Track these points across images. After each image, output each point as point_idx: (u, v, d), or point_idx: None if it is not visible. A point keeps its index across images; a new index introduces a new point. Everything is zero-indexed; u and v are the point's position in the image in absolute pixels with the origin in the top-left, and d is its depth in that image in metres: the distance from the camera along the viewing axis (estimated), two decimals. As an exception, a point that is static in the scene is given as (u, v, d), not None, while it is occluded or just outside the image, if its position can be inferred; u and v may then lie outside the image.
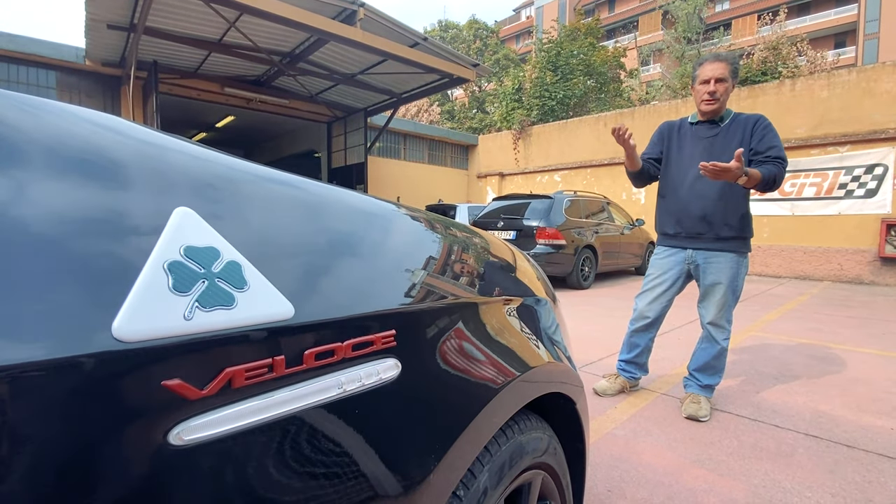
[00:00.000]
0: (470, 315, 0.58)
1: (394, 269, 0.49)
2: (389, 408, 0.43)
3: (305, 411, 0.36)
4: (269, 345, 0.34)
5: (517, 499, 0.68)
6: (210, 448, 0.30)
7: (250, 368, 0.32)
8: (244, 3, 5.14)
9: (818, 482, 1.64)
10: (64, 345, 0.24)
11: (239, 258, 0.35)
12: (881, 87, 7.51)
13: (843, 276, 7.78)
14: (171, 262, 0.30)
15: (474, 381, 0.55)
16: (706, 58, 2.14)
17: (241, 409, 0.32)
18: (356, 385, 0.39)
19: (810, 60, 13.95)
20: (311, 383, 0.37)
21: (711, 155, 2.14)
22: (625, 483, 1.63)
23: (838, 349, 3.44)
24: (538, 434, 0.71)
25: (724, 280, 2.12)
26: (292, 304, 0.36)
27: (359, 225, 0.50)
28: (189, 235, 0.32)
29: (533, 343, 0.74)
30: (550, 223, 6.41)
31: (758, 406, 2.32)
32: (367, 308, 0.43)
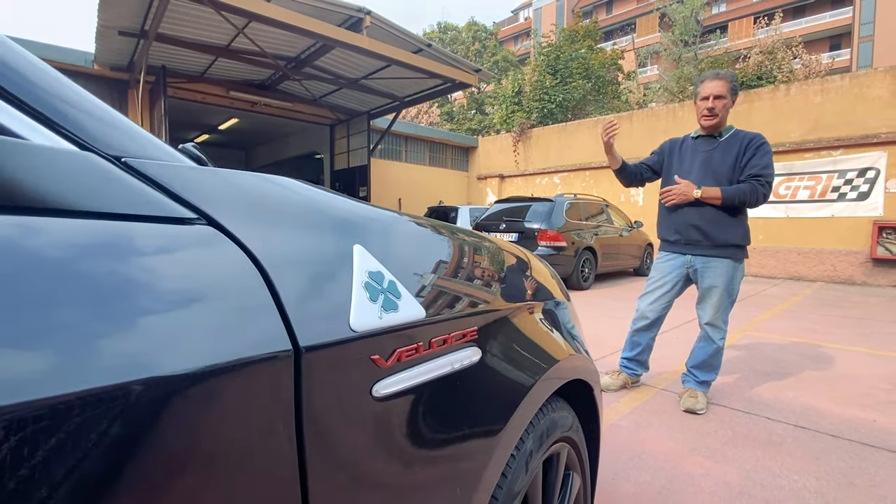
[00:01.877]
0: (517, 317, 0.73)
1: (472, 282, 0.65)
2: (476, 382, 0.58)
3: (435, 379, 0.51)
4: (414, 335, 0.49)
5: (549, 466, 0.83)
6: (390, 399, 0.45)
7: (406, 350, 0.47)
8: (255, 12, 5.28)
9: (805, 468, 1.80)
10: (335, 331, 0.40)
11: (392, 278, 0.49)
12: (873, 93, 7.70)
13: (836, 277, 7.97)
14: (364, 282, 0.45)
15: (524, 368, 0.70)
16: (707, 75, 2.30)
17: (405, 375, 0.47)
18: (458, 364, 0.54)
19: (805, 64, 14.16)
20: (436, 361, 0.51)
21: (709, 167, 2.30)
22: (629, 469, 1.78)
23: (829, 348, 3.60)
24: (565, 413, 0.86)
25: (720, 284, 2.28)
26: (423, 308, 0.51)
27: (453, 250, 0.67)
28: (366, 264, 0.47)
29: (559, 339, 0.89)
30: (551, 225, 6.57)
31: (751, 400, 2.48)
32: (462, 311, 0.58)
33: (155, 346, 0.29)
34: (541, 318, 0.86)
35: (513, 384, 0.65)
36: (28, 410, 0.23)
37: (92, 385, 0.25)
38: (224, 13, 5.60)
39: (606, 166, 10.96)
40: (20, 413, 0.23)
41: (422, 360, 0.49)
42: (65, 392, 0.25)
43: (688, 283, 2.48)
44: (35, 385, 0.24)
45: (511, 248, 0.90)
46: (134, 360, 0.28)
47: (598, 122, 11.48)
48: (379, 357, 0.44)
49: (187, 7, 5.73)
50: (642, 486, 1.67)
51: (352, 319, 0.43)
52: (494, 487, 0.59)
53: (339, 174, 11.50)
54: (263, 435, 0.35)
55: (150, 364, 0.28)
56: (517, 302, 0.75)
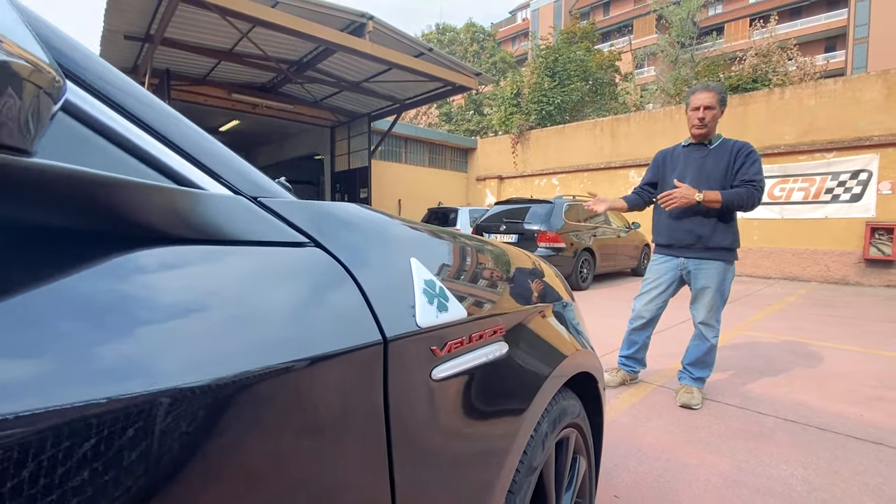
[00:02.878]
0: (534, 317, 0.84)
1: (498, 287, 0.77)
2: (504, 371, 0.69)
3: (475, 367, 0.62)
4: (459, 330, 0.60)
5: (560, 449, 0.94)
6: (444, 381, 0.57)
7: (455, 343, 0.58)
8: (261, 18, 5.38)
9: (793, 458, 1.92)
10: (408, 326, 0.51)
11: (441, 285, 0.60)
12: (865, 96, 7.85)
13: (829, 277, 8.11)
14: (422, 289, 0.56)
15: (541, 360, 0.81)
16: (697, 87, 2.42)
17: (454, 363, 0.58)
18: (491, 355, 0.65)
19: (800, 67, 14.34)
20: (476, 352, 0.62)
21: (701, 173, 2.41)
22: (628, 459, 1.90)
23: (820, 346, 3.73)
24: (573, 402, 0.97)
25: (712, 285, 2.40)
26: (465, 309, 0.62)
27: (483, 261, 0.80)
28: (421, 273, 0.57)
29: (567, 336, 1.00)
30: (551, 227, 6.69)
31: (744, 396, 2.60)
32: (492, 312, 0.69)
33: (290, 336, 0.40)
34: (552, 317, 0.97)
35: (532, 374, 0.76)
36: (201, 385, 0.33)
37: (264, 364, 0.37)
38: (229, 18, 5.69)
39: (604, 168, 11.13)
40: (199, 385, 0.32)
41: (466, 351, 0.60)
42: (247, 370, 0.35)
43: (681, 285, 2.59)
44: (215, 365, 0.34)
45: (527, 257, 1.02)
46: (281, 345, 0.39)
47: (595, 124, 11.61)
48: (436, 348, 0.56)
49: (193, 12, 5.82)
50: (641, 474, 1.79)
51: (417, 318, 0.54)
52: (518, 462, 0.70)
53: (339, 175, 11.59)
54: (363, 404, 0.46)
55: (291, 349, 0.40)
56: (533, 304, 0.86)
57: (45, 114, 0.28)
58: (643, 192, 2.68)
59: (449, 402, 0.57)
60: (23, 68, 0.25)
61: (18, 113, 0.25)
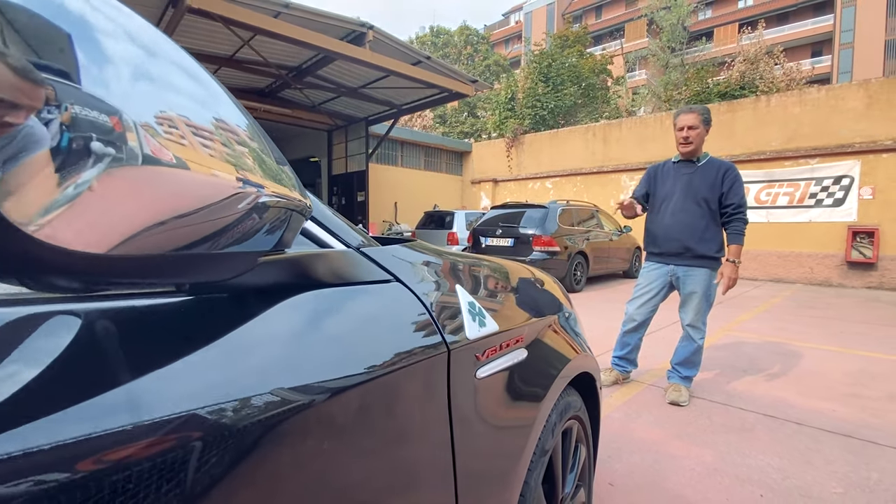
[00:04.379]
0: (544, 326, 1.02)
1: (518, 304, 0.94)
2: (525, 372, 0.85)
3: (504, 368, 0.79)
4: (493, 340, 0.77)
5: (565, 437, 1.12)
6: (483, 379, 0.73)
7: (491, 350, 0.75)
8: (264, 28, 5.51)
9: (770, 449, 2.11)
10: (462, 338, 0.68)
11: (480, 305, 0.77)
12: (848, 105, 8.14)
13: (813, 278, 8.40)
14: (467, 310, 0.72)
15: (551, 363, 0.98)
16: (682, 109, 2.62)
17: (491, 365, 0.74)
18: (515, 360, 0.82)
19: (786, 73, 14.71)
20: (505, 357, 0.79)
21: (689, 188, 2.61)
22: (622, 451, 2.08)
23: (801, 346, 3.95)
24: (575, 398, 1.15)
25: (699, 290, 2.59)
26: (496, 323, 0.79)
27: (506, 283, 0.97)
28: (465, 297, 0.74)
29: (571, 341, 1.17)
30: (545, 231, 6.88)
31: (728, 393, 2.80)
32: (514, 325, 0.86)
33: (393, 346, 0.57)
34: (558, 325, 1.14)
35: (545, 374, 0.93)
36: (334, 386, 0.49)
37: (379, 364, 0.54)
38: (233, 28, 5.82)
39: (596, 172, 11.35)
40: (337, 384, 0.49)
41: (498, 357, 0.77)
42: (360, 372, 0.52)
43: (671, 290, 2.78)
44: (337, 368, 0.51)
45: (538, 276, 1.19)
46: (388, 352, 0.56)
47: (588, 129, 11.84)
48: (479, 354, 0.72)
49: (197, 21, 5.94)
50: (634, 464, 1.97)
51: (466, 332, 0.70)
52: (535, 444, 0.87)
53: (336, 179, 11.71)
54: (437, 394, 0.63)
55: (395, 356, 0.56)
56: (544, 316, 1.04)
57: (298, 225, 0.46)
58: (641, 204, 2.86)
59: (487, 395, 0.74)
60: (296, 205, 0.42)
61: (285, 228, 0.43)
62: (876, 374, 3.19)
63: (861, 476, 1.89)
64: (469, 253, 0.99)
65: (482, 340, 0.73)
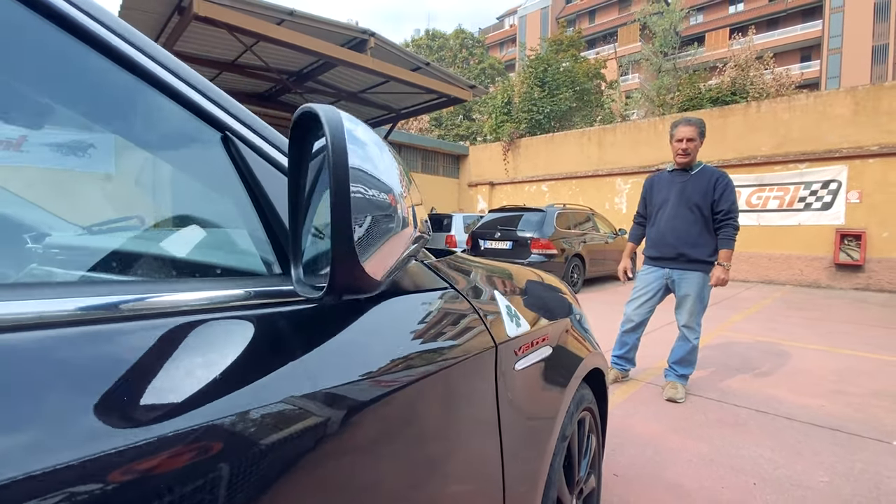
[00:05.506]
0: (562, 326, 1.14)
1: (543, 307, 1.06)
2: (551, 365, 0.98)
3: (536, 362, 0.91)
4: (526, 338, 0.89)
5: (579, 426, 1.24)
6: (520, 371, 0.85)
7: (525, 346, 0.87)
8: (270, 36, 5.61)
9: (762, 442, 2.25)
10: (505, 336, 0.80)
11: (515, 309, 0.89)
12: (835, 111, 8.38)
13: (803, 280, 8.61)
14: (505, 312, 0.84)
15: (571, 359, 1.10)
16: (680, 121, 2.75)
17: (525, 359, 0.86)
18: (543, 354, 0.94)
19: (776, 78, 15.00)
20: (535, 353, 0.91)
21: (683, 195, 2.74)
22: (623, 445, 2.21)
23: (791, 346, 4.11)
24: (588, 391, 1.27)
25: (693, 292, 2.73)
26: (528, 323, 0.91)
27: (534, 289, 1.09)
28: (503, 301, 0.86)
29: (584, 340, 1.30)
30: (543, 234, 7.02)
31: (722, 391, 2.94)
32: (541, 325, 0.98)
33: (456, 343, 0.69)
34: (572, 326, 1.27)
35: (566, 368, 1.06)
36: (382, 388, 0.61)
37: (449, 358, 0.65)
38: (236, 34, 5.91)
39: (591, 175, 11.52)
40: (395, 382, 0.61)
41: (530, 352, 0.89)
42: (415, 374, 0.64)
43: (667, 292, 2.92)
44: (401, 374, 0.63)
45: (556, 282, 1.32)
46: (455, 348, 0.68)
47: (584, 133, 12.03)
48: (516, 350, 0.84)
49: (201, 28, 6.02)
50: (635, 457, 2.10)
51: (507, 331, 0.82)
52: (559, 430, 0.99)
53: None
54: (487, 383, 0.75)
55: (459, 350, 0.68)
56: (562, 317, 1.16)
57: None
58: (641, 221, 3.04)
59: (524, 385, 0.86)
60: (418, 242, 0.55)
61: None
62: (862, 372, 3.35)
63: (846, 466, 2.03)
64: (493, 260, 1.11)
65: (518, 338, 0.85)
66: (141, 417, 0.34)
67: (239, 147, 0.49)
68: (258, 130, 0.52)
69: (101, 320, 0.36)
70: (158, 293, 0.41)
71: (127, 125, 0.49)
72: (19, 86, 0.47)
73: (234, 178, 0.49)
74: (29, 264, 0.46)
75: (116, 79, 0.44)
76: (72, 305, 0.35)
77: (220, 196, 0.53)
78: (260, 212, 0.50)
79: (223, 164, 0.49)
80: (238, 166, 0.49)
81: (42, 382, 0.31)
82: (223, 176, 0.50)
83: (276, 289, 0.48)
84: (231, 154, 0.49)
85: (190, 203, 0.56)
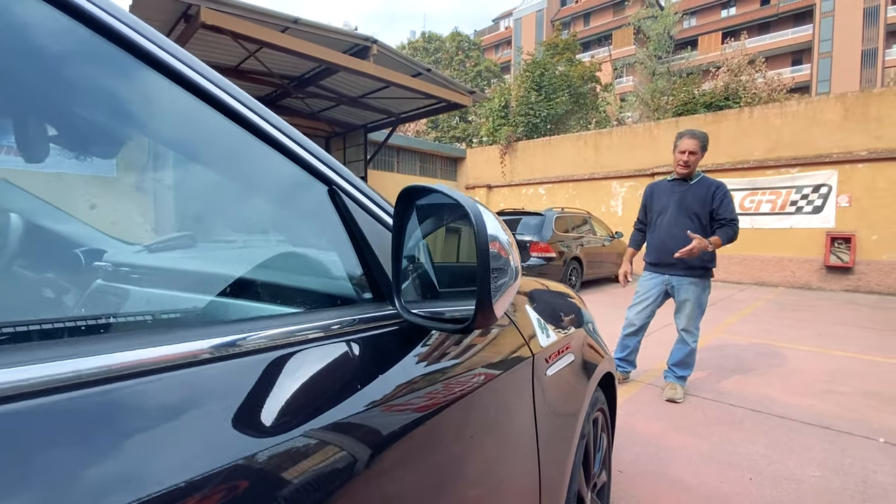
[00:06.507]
0: (581, 335, 1.26)
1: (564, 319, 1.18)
2: (574, 371, 1.09)
3: (562, 368, 1.02)
4: (553, 347, 1.00)
5: (594, 425, 1.36)
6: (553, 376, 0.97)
7: (553, 355, 0.98)
8: (274, 43, 5.70)
9: (757, 440, 2.38)
10: (538, 347, 0.92)
11: (544, 322, 1.00)
12: (825, 117, 8.58)
13: (795, 282, 8.81)
14: (536, 326, 0.96)
15: (589, 364, 1.22)
16: (685, 133, 2.86)
17: (554, 366, 0.98)
18: (567, 361, 1.05)
19: (767, 83, 15.26)
20: (561, 360, 1.02)
21: (682, 204, 2.86)
22: (627, 443, 2.33)
23: (783, 347, 4.26)
24: (600, 393, 1.39)
25: (692, 298, 2.86)
26: (555, 336, 1.03)
27: (557, 303, 1.20)
28: (534, 316, 0.98)
29: (599, 346, 1.42)
30: (542, 238, 7.15)
31: (719, 391, 3.07)
32: (564, 335, 1.10)
33: (502, 356, 0.80)
34: (588, 334, 1.39)
35: (586, 372, 1.18)
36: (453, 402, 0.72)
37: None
38: (241, 41, 6.00)
39: (588, 178, 11.68)
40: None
41: (557, 360, 1.00)
42: None
43: (667, 297, 3.05)
44: None
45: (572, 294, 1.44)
46: (517, 361, 0.80)
47: (580, 137, 12.19)
48: (546, 358, 0.96)
49: (206, 35, 6.10)
50: (638, 454, 2.22)
51: (540, 342, 0.94)
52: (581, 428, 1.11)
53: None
54: (527, 387, 0.86)
55: (506, 362, 0.80)
56: (580, 326, 1.28)
57: None
58: (641, 227, 3.16)
59: (554, 389, 0.97)
60: None
61: None
62: (851, 373, 3.50)
63: (836, 462, 2.17)
64: None
65: (548, 348, 0.96)
66: (291, 420, 0.44)
67: (343, 199, 0.60)
68: (358, 186, 0.63)
69: (237, 355, 0.44)
70: (279, 327, 0.50)
71: (250, 179, 0.60)
72: (162, 149, 0.58)
73: (337, 223, 0.61)
74: (183, 306, 0.57)
75: (246, 140, 0.55)
76: (206, 344, 0.42)
77: (326, 237, 0.64)
78: (358, 250, 0.61)
79: (329, 211, 0.60)
80: (341, 213, 0.60)
81: (189, 410, 0.39)
82: (328, 221, 0.61)
83: (380, 314, 0.60)
84: (336, 204, 0.60)
85: (300, 240, 0.67)
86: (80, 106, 0.47)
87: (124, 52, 0.44)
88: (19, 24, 0.39)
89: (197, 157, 0.57)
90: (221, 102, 0.52)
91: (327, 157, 0.60)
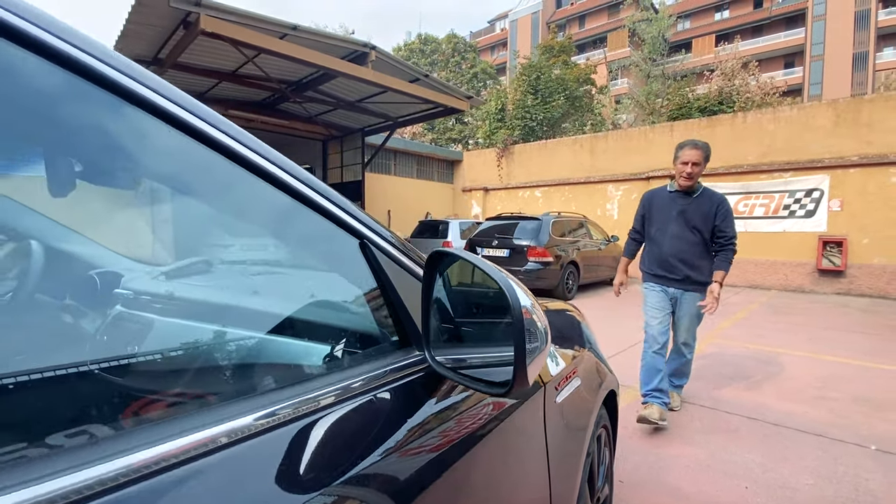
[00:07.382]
0: (585, 359, 1.31)
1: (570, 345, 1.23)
2: (580, 395, 1.14)
3: (570, 394, 1.07)
4: (561, 374, 1.05)
5: (598, 442, 1.41)
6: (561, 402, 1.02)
7: (562, 381, 1.03)
8: (273, 50, 5.72)
9: (753, 447, 2.44)
10: (549, 375, 0.97)
11: (554, 352, 1.05)
12: (817, 123, 8.71)
13: (788, 285, 8.93)
14: (550, 356, 1.01)
15: (594, 386, 1.27)
16: (687, 143, 2.84)
17: (563, 392, 1.03)
18: (573, 387, 1.10)
19: (760, 86, 15.42)
20: (569, 386, 1.07)
21: (685, 217, 2.88)
22: (627, 452, 2.38)
23: (777, 352, 4.33)
24: (604, 411, 1.44)
25: (693, 311, 2.90)
26: (564, 363, 1.08)
27: (565, 327, 1.25)
28: (548, 347, 1.03)
29: (601, 366, 1.47)
30: (539, 242, 7.21)
31: (715, 399, 3.14)
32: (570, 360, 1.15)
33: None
34: (589, 355, 1.44)
35: (591, 393, 1.23)
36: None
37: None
38: (240, 48, 6.01)
39: (584, 182, 11.76)
40: None
41: (565, 386, 1.05)
42: None
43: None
44: None
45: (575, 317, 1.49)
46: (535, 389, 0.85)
47: (576, 140, 12.28)
48: (556, 385, 1.00)
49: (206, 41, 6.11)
50: (637, 463, 2.27)
51: (551, 371, 0.98)
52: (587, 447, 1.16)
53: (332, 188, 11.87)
54: (539, 412, 0.91)
55: (522, 397, 0.85)
56: (582, 349, 1.33)
57: None
58: (637, 237, 3.14)
59: (563, 414, 1.02)
60: None
61: None
62: (842, 378, 3.58)
63: (829, 470, 2.23)
64: None
65: (557, 375, 1.01)
66: None
67: (374, 251, 0.64)
68: (387, 238, 0.67)
69: (285, 422, 0.49)
70: (317, 389, 0.55)
71: (285, 234, 0.65)
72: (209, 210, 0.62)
73: (368, 274, 0.65)
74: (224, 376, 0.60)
75: (284, 200, 0.60)
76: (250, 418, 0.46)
77: (358, 286, 0.68)
78: (387, 300, 0.66)
79: (361, 263, 0.65)
80: (371, 265, 0.65)
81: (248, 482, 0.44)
82: (360, 271, 0.65)
83: (408, 361, 0.64)
84: (367, 256, 0.65)
85: (334, 291, 0.71)
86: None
87: (181, 133, 0.49)
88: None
89: (244, 216, 0.61)
90: (268, 173, 0.57)
91: (362, 214, 0.65)
